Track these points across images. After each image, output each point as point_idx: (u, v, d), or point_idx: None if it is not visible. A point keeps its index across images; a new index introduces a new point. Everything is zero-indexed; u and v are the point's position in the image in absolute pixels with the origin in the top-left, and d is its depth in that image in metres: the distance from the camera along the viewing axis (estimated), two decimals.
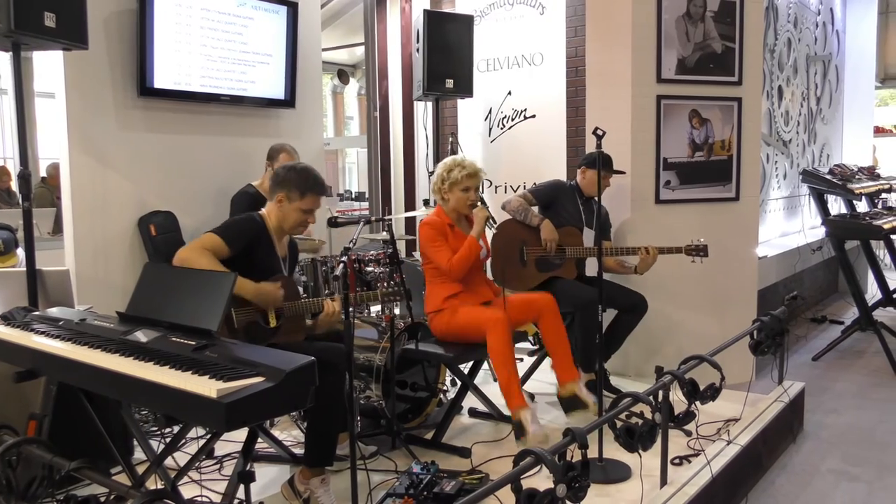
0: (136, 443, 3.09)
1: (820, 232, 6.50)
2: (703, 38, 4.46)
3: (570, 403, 3.58)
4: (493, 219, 3.76)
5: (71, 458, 2.08)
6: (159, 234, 4.21)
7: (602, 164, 4.15)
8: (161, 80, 4.21)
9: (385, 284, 3.62)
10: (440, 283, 3.64)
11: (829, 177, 5.94)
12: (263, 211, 3.08)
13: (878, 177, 6.74)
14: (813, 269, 7.07)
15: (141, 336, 2.34)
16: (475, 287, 3.69)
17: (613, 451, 2.94)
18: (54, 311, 2.78)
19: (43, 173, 7.67)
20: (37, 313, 2.80)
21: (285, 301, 2.95)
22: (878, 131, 12.16)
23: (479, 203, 3.65)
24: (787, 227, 7.05)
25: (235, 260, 2.83)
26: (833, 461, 3.67)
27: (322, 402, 2.17)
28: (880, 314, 5.78)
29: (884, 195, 6.63)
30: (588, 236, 4.15)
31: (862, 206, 6.32)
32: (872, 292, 6.49)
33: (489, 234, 3.92)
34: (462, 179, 3.59)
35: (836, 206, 6.55)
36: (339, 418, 2.86)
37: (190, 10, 4.29)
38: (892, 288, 5.93)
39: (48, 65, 4.00)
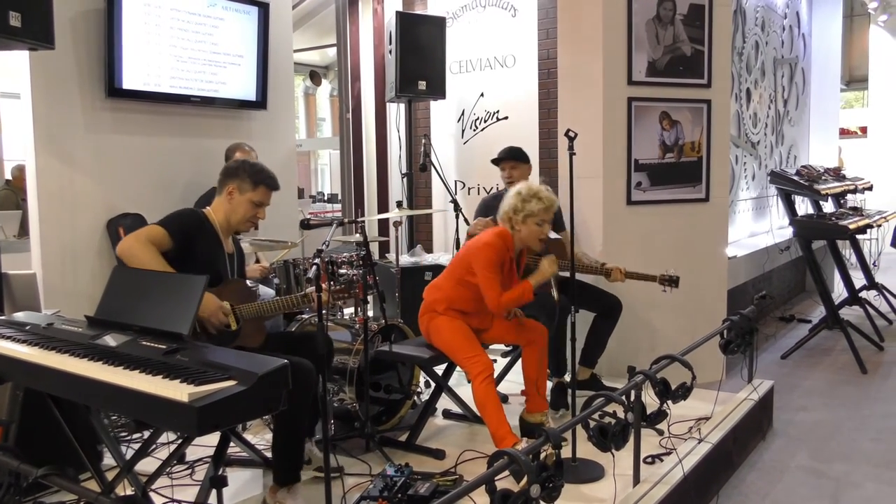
0: (105, 448, 3.04)
1: (788, 232, 6.62)
2: (672, 40, 4.51)
3: (532, 430, 3.46)
4: (556, 278, 3.50)
5: (39, 465, 2.03)
6: None
7: (503, 156, 4.30)
8: (129, 81, 4.16)
9: (333, 283, 3.41)
10: (461, 293, 3.42)
11: (796, 178, 6.04)
12: (209, 209, 3.02)
13: (843, 178, 6.87)
14: (781, 269, 7.18)
15: (110, 340, 2.30)
16: (485, 314, 3.52)
17: (587, 450, 2.96)
18: (21, 316, 2.73)
19: (8, 175, 7.54)
20: (2, 318, 2.75)
21: (240, 303, 2.90)
22: (844, 133, 12.39)
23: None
24: (756, 227, 7.16)
25: (179, 253, 2.78)
26: (802, 458, 3.73)
27: (290, 408, 2.15)
28: (847, 313, 5.88)
29: (849, 196, 6.76)
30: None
31: (828, 207, 6.44)
32: (839, 291, 6.61)
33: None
34: (539, 213, 3.32)
35: (804, 206, 6.66)
36: (305, 430, 2.84)
37: (159, 10, 4.24)
38: (857, 287, 6.04)
39: (13, 65, 3.92)
